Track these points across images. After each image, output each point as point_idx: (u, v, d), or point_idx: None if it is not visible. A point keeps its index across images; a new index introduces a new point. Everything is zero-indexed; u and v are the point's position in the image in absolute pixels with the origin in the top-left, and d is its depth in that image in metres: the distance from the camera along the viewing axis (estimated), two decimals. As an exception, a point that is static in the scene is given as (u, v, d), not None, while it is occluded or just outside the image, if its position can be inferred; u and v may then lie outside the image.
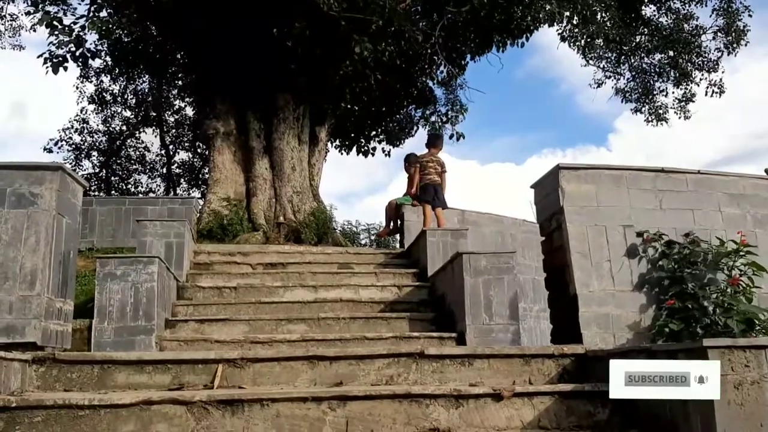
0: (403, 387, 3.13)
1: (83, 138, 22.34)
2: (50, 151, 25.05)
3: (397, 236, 10.74)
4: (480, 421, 3.04)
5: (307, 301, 6.92)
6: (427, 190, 9.07)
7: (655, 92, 18.55)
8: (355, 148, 16.83)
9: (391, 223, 10.27)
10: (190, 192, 24.31)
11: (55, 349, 3.37)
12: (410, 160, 9.86)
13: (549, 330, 4.84)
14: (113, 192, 23.08)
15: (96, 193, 22.78)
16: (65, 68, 9.08)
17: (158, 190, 24.23)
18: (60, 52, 9.01)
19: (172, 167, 24.27)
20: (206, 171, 22.65)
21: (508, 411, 3.07)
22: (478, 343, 6.09)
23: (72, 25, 9.28)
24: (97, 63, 18.90)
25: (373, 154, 18.29)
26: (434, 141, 9.54)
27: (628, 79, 17.14)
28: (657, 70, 16.88)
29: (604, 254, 3.81)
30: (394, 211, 10.14)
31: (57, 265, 3.44)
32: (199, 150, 23.23)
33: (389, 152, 18.88)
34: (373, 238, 20.27)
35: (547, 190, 4.04)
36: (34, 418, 2.79)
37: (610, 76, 17.66)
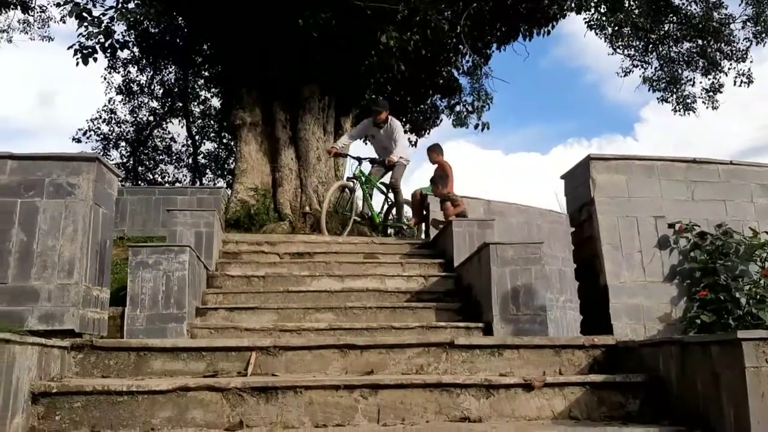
0: (433, 376, 3.15)
1: (111, 128, 22.66)
2: (78, 141, 25.45)
3: (423, 226, 10.74)
4: (510, 410, 3.05)
5: (334, 291, 6.97)
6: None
7: (683, 81, 18.33)
8: (380, 138, 16.84)
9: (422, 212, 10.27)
10: (216, 182, 24.57)
11: (92, 337, 3.44)
12: (436, 150, 9.85)
13: (576, 321, 4.83)
14: (141, 182, 23.41)
15: (124, 183, 23.16)
16: (95, 59, 9.22)
17: (185, 180, 24.52)
18: (89, 43, 9.15)
19: (198, 157, 24.47)
20: (232, 161, 22.87)
21: (539, 401, 3.08)
22: (505, 333, 6.09)
23: (101, 16, 9.41)
24: (124, 54, 19.15)
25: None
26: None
27: (655, 68, 16.95)
28: (685, 59, 16.67)
29: (635, 245, 3.79)
30: (419, 201, 10.14)
31: (94, 254, 3.51)
32: (224, 140, 23.44)
33: (415, 142, 18.86)
34: (391, 223, 20.25)
35: (578, 181, 4.01)
36: (74, 404, 2.86)
37: (637, 65, 17.47)
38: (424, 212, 10.06)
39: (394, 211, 10.36)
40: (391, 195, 10.25)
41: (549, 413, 3.07)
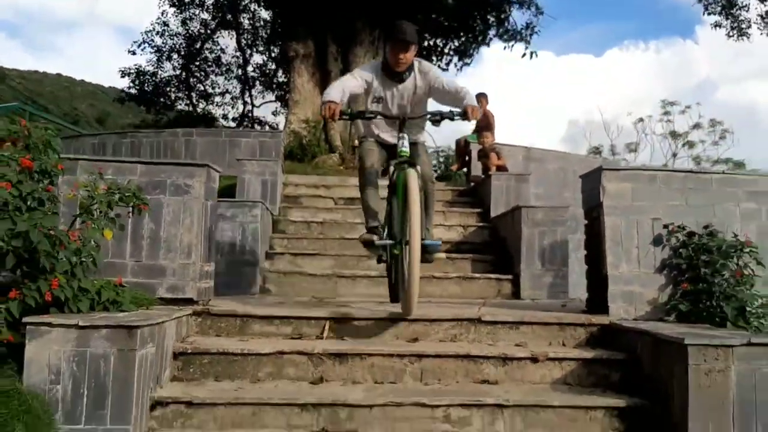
0: (464, 348, 4.17)
1: (164, 41, 23.43)
2: (133, 53, 26.50)
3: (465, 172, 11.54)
4: (520, 377, 4.08)
5: (384, 239, 7.99)
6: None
7: (738, 5, 18.31)
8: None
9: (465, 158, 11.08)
10: (265, 95, 25.41)
11: (208, 304, 4.53)
12: (485, 98, 10.56)
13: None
14: (192, 93, 24.43)
15: (179, 98, 24.17)
16: None
17: (234, 91, 25.43)
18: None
19: (248, 69, 25.16)
20: (281, 74, 23.59)
21: (542, 371, 4.10)
22: (530, 286, 7.12)
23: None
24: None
25: (446, 69, 18.79)
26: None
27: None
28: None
29: (634, 242, 4.65)
30: (463, 147, 10.96)
31: (205, 239, 4.54)
32: (273, 54, 24.01)
33: (461, 67, 19.30)
34: (441, 159, 21.12)
35: (592, 185, 4.85)
36: (203, 360, 3.98)
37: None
38: (467, 158, 10.88)
39: None
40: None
41: (549, 380, 4.09)
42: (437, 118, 4.70)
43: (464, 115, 4.58)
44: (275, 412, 3.57)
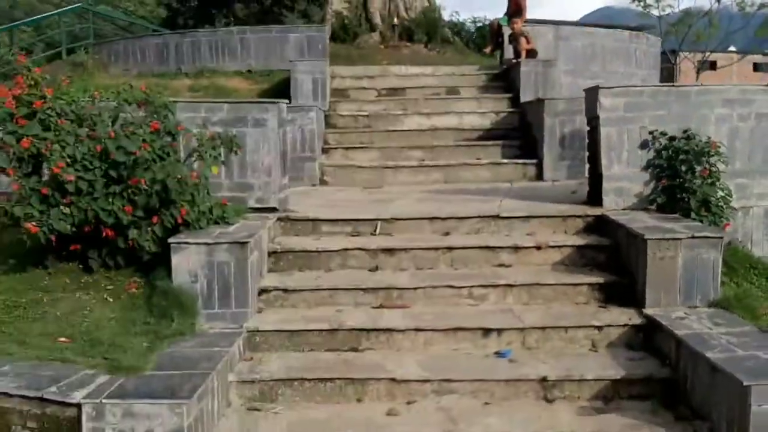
0: (485, 240, 5.47)
1: None
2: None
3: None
4: (528, 261, 5.38)
5: (423, 129, 9.11)
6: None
7: None
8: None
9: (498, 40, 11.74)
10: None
11: (286, 210, 5.87)
12: None
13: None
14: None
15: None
16: None
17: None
18: None
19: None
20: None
21: (544, 255, 5.39)
22: (552, 168, 8.25)
23: None
24: None
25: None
26: None
27: None
28: None
29: (624, 146, 5.68)
30: (497, 30, 11.61)
31: (280, 160, 5.80)
32: None
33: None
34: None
35: (591, 99, 5.82)
36: (288, 257, 5.38)
37: None
38: (500, 40, 11.57)
39: None
40: None
41: (550, 262, 5.38)
42: None
43: None
44: (346, 294, 4.98)
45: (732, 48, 38.32)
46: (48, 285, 4.95)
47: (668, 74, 27.25)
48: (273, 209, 5.78)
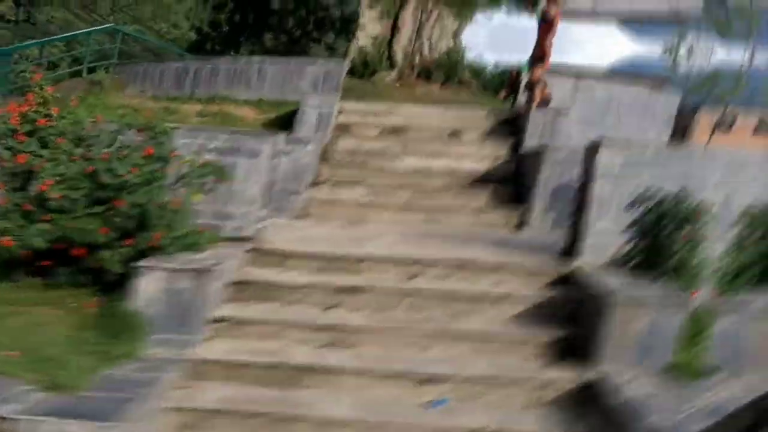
0: (450, 286, 5.47)
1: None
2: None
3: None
4: (489, 310, 5.35)
5: (417, 170, 9.09)
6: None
7: None
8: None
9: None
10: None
11: (260, 241, 5.94)
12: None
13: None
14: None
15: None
16: None
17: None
18: None
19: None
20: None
21: (507, 306, 5.35)
22: (538, 218, 8.15)
23: None
24: None
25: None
26: None
27: None
28: None
29: (614, 204, 5.57)
30: (515, 77, 11.68)
31: (265, 192, 6.00)
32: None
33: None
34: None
35: (591, 151, 5.80)
36: (252, 287, 5.41)
37: None
38: (516, 85, 11.61)
39: None
40: None
41: (512, 313, 5.32)
42: None
43: None
44: (298, 330, 5.02)
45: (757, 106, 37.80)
46: (12, 298, 5.05)
47: (685, 130, 26.97)
48: (248, 239, 5.86)
